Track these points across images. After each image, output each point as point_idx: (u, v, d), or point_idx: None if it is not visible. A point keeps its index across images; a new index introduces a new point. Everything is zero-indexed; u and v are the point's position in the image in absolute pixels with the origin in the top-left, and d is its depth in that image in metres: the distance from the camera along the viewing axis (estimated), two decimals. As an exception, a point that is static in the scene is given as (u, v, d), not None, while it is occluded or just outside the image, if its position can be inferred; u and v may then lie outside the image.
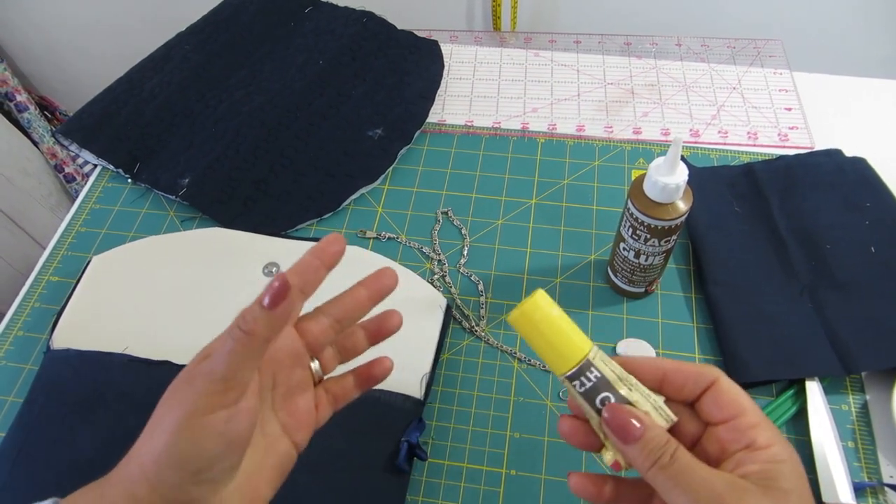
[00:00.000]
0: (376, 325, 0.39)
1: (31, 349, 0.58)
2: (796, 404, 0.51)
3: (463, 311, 0.58)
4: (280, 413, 0.35)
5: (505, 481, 0.49)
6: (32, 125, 1.40)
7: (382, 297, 0.39)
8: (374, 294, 0.38)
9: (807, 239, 0.59)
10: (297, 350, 0.36)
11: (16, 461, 0.49)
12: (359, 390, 0.39)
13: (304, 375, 0.36)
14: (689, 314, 0.58)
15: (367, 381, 0.39)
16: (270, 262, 0.60)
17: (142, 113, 0.73)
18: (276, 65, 0.77)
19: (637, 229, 0.51)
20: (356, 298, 0.38)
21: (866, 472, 0.49)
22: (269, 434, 0.34)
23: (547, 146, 0.71)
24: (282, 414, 0.35)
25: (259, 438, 0.34)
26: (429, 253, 0.63)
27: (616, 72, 0.78)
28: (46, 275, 0.63)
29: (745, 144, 0.70)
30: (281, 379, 0.35)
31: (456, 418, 0.53)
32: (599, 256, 0.62)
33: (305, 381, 0.37)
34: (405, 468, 0.48)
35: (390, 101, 0.73)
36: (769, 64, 0.78)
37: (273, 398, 0.35)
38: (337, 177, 0.67)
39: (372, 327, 0.39)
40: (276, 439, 0.35)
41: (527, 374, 0.55)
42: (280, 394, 0.35)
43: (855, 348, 0.52)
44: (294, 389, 0.36)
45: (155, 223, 0.66)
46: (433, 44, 0.80)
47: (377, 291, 0.38)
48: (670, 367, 0.32)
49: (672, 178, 0.47)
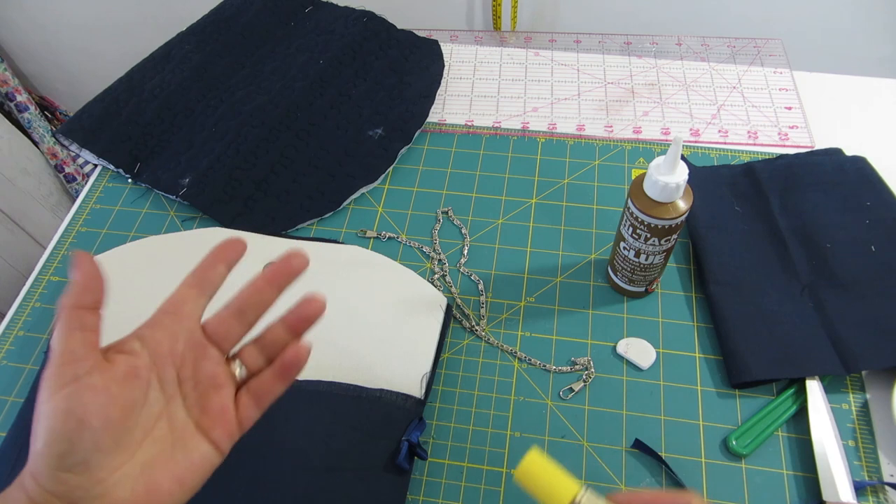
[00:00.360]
0: (296, 315, 0.37)
1: (31, 349, 0.58)
2: (797, 403, 0.51)
3: (463, 310, 0.58)
4: (193, 410, 0.35)
5: (506, 480, 0.49)
6: (33, 125, 1.40)
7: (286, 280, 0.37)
8: (275, 278, 0.37)
9: (807, 238, 0.59)
10: (199, 341, 0.36)
11: (17, 462, 0.49)
12: (281, 383, 0.37)
13: (216, 372, 0.36)
14: (690, 313, 0.58)
15: (286, 372, 0.37)
16: (271, 261, 0.60)
17: (142, 113, 0.73)
18: (277, 64, 0.77)
19: (637, 228, 0.51)
20: (254, 285, 0.37)
21: (867, 470, 0.49)
22: (177, 428, 0.34)
23: (547, 145, 0.71)
24: (195, 411, 0.35)
25: (163, 429, 0.33)
26: (429, 252, 0.63)
27: (616, 71, 0.78)
28: (47, 275, 0.63)
29: (745, 144, 0.70)
30: (186, 373, 0.35)
31: (456, 417, 0.53)
32: (600, 256, 0.62)
33: (219, 378, 0.36)
34: (406, 467, 0.48)
35: (391, 101, 0.73)
36: (769, 63, 0.78)
37: (185, 395, 0.35)
38: (337, 176, 0.67)
39: (291, 318, 0.37)
40: (188, 435, 0.34)
41: (527, 373, 0.55)
42: (191, 391, 0.35)
43: (855, 347, 0.52)
44: (206, 386, 0.35)
45: (155, 223, 0.66)
46: (433, 43, 0.80)
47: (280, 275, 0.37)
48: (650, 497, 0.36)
49: (672, 177, 0.47)
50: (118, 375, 0.32)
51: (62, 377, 0.30)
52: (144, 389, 0.33)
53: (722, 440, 0.50)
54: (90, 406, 0.30)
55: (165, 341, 0.34)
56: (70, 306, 0.32)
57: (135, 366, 0.33)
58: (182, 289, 0.37)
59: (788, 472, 0.49)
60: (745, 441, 0.50)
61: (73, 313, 0.32)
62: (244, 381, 0.37)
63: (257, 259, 0.60)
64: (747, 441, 0.50)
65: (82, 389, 0.30)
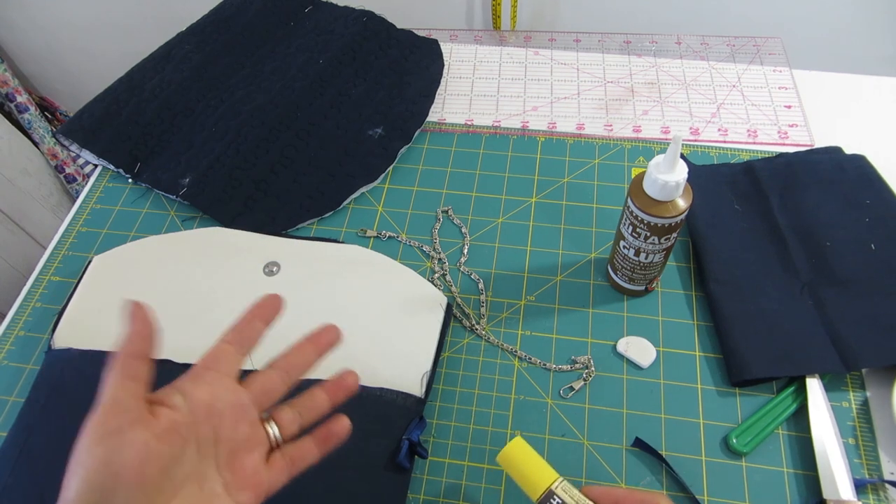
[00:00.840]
0: (336, 384, 0.40)
1: (32, 349, 0.58)
2: (797, 401, 0.51)
3: (463, 309, 0.58)
4: (224, 472, 0.35)
5: (506, 480, 0.50)
6: (33, 126, 1.40)
7: (327, 349, 0.40)
8: (320, 347, 0.40)
9: (807, 236, 0.59)
10: (241, 402, 0.36)
11: (17, 462, 0.49)
12: (319, 451, 0.39)
13: (252, 433, 0.36)
14: (690, 312, 0.58)
15: (327, 442, 0.39)
16: (271, 261, 0.60)
17: (142, 113, 0.73)
18: (277, 64, 0.77)
19: (637, 227, 0.51)
20: (301, 350, 0.39)
21: (867, 468, 0.49)
22: (207, 490, 0.34)
23: (547, 145, 0.71)
24: (225, 472, 0.35)
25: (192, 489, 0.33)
26: (429, 251, 0.63)
27: (616, 70, 0.78)
28: (47, 275, 0.63)
29: (744, 142, 0.70)
30: (224, 434, 0.35)
31: (457, 416, 0.53)
32: (600, 255, 0.62)
33: (255, 439, 0.36)
34: (406, 466, 0.48)
35: (390, 101, 0.73)
36: (769, 62, 0.78)
37: (217, 454, 0.35)
38: (337, 176, 0.67)
39: (331, 386, 0.40)
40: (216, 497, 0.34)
41: (528, 372, 0.55)
42: (224, 450, 0.35)
43: (855, 345, 0.52)
44: (240, 447, 0.36)
45: (156, 223, 0.66)
46: (433, 43, 0.80)
47: (323, 344, 0.40)
48: (622, 494, 0.38)
49: (672, 175, 0.47)
50: (159, 431, 0.32)
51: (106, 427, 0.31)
52: (182, 447, 0.33)
53: (722, 438, 0.50)
54: (128, 462, 0.30)
55: (206, 398, 0.35)
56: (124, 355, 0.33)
57: (175, 421, 0.33)
58: (221, 344, 0.37)
59: (789, 470, 0.49)
60: (745, 439, 0.50)
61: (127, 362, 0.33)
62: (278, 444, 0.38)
63: (258, 258, 0.60)
64: (747, 439, 0.50)
65: (123, 444, 0.30)
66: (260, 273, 0.59)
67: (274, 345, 0.54)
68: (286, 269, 0.59)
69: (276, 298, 0.40)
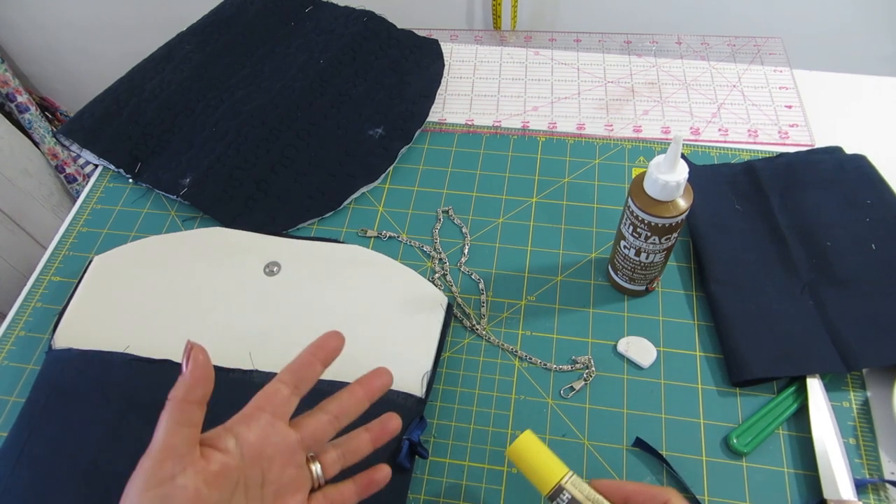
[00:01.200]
0: (379, 428, 0.41)
1: (32, 349, 0.58)
2: (797, 401, 0.51)
3: (464, 309, 0.58)
4: None
5: (507, 479, 0.50)
6: (33, 126, 1.40)
7: (378, 394, 0.41)
8: (371, 392, 0.40)
9: (807, 236, 0.59)
10: (291, 446, 0.36)
11: (17, 462, 0.49)
12: (358, 497, 0.40)
13: (297, 475, 0.37)
14: (690, 312, 0.58)
15: (368, 488, 0.40)
16: (272, 261, 0.60)
17: (143, 113, 0.73)
18: (277, 64, 0.77)
19: (637, 227, 0.51)
20: (354, 395, 0.40)
21: (868, 468, 0.49)
22: None
23: (547, 145, 0.71)
24: None
25: None
26: (430, 252, 0.63)
27: (616, 70, 0.78)
28: (48, 275, 0.63)
29: (745, 142, 0.70)
30: (271, 476, 0.35)
31: (457, 416, 0.53)
32: (600, 254, 0.62)
33: (299, 481, 0.37)
34: (407, 466, 0.48)
35: (391, 101, 0.73)
36: (769, 61, 0.78)
37: (263, 496, 0.35)
38: (338, 176, 0.67)
39: (375, 430, 0.41)
40: None
41: (528, 372, 0.55)
42: (270, 492, 0.35)
43: (856, 345, 0.52)
44: (285, 489, 0.36)
45: (156, 223, 0.66)
46: (433, 43, 0.80)
47: (374, 389, 0.41)
48: (632, 489, 0.38)
49: (672, 175, 0.47)
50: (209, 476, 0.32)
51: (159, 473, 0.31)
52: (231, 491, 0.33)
53: (723, 438, 0.50)
54: None
55: (257, 442, 0.35)
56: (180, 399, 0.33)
57: (226, 465, 0.33)
58: (276, 384, 0.37)
59: (789, 470, 0.49)
60: (745, 439, 0.50)
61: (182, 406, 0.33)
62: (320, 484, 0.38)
63: (259, 258, 0.60)
64: (748, 439, 0.50)
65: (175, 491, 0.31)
66: (260, 273, 0.59)
67: (274, 344, 0.55)
68: (286, 269, 0.60)
69: (336, 338, 0.39)
